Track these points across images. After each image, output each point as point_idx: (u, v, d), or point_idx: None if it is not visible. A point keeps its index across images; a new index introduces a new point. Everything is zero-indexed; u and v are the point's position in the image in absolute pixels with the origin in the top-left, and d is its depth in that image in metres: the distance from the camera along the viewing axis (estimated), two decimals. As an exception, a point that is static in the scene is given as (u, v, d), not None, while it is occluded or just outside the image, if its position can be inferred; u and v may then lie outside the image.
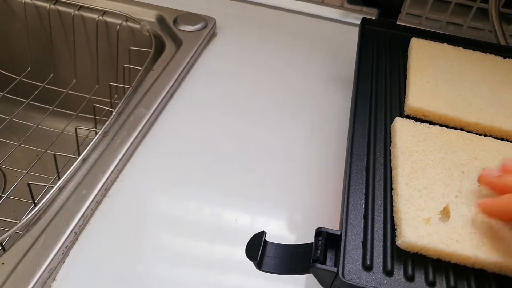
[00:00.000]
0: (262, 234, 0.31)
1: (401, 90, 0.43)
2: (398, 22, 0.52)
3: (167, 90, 0.52)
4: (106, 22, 0.64)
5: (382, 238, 0.31)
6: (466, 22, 0.65)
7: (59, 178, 0.41)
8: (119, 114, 0.49)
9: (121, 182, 0.43)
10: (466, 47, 0.48)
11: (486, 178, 0.32)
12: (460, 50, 0.47)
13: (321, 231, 0.30)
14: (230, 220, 0.41)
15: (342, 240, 0.30)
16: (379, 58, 0.47)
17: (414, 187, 0.33)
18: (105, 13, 0.64)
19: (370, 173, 0.35)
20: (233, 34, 0.64)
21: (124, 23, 0.64)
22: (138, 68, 0.57)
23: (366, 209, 0.33)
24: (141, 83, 0.54)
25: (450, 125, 0.40)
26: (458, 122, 0.39)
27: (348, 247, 0.30)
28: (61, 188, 0.40)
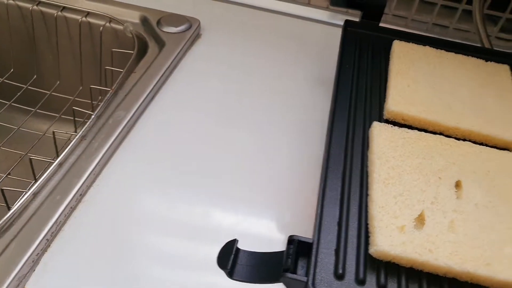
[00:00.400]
0: (234, 242, 0.31)
1: (381, 93, 0.43)
2: (384, 24, 0.51)
3: (148, 92, 0.51)
4: (89, 23, 0.64)
5: (355, 246, 0.31)
6: (452, 23, 0.64)
7: (36, 183, 0.40)
8: (98, 117, 0.48)
9: (97, 187, 0.42)
10: (448, 50, 0.47)
11: None
12: (442, 52, 0.47)
13: (293, 239, 0.30)
14: (209, 222, 0.40)
15: (313, 248, 0.30)
16: (361, 61, 0.47)
17: (389, 194, 0.32)
18: (88, 14, 0.63)
19: (347, 179, 0.35)
20: (218, 35, 0.64)
21: (107, 24, 0.63)
22: (120, 70, 0.56)
23: (340, 216, 0.32)
24: (122, 86, 0.53)
25: (430, 129, 0.39)
26: (437, 127, 0.39)
27: (320, 255, 0.30)
28: (35, 193, 0.40)
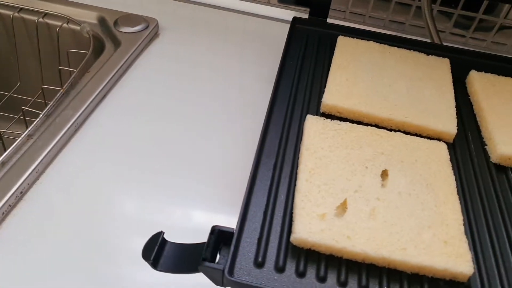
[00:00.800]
0: (160, 234, 0.31)
1: (322, 88, 0.43)
2: (342, 22, 0.52)
3: (98, 91, 0.51)
4: (47, 24, 0.64)
5: (279, 234, 0.31)
6: (407, 20, 0.65)
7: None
8: (48, 116, 0.48)
9: (40, 185, 0.42)
10: (392, 44, 0.48)
11: None
12: (385, 47, 0.48)
13: (214, 229, 0.30)
14: (157, 224, 0.41)
15: (234, 237, 0.30)
16: (306, 57, 0.47)
17: (313, 183, 0.33)
18: (46, 15, 0.64)
19: (277, 170, 0.35)
20: (176, 35, 0.64)
21: (65, 25, 0.63)
22: (74, 70, 0.57)
23: (267, 205, 0.33)
24: (75, 85, 0.53)
25: (365, 121, 0.40)
26: (372, 118, 0.40)
27: (243, 244, 0.30)
28: (-25, 192, 0.40)
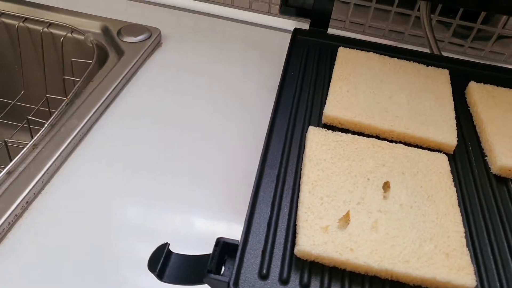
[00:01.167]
0: (165, 245, 0.32)
1: (323, 99, 0.44)
2: (342, 31, 0.53)
3: (102, 101, 0.52)
4: (51, 33, 0.65)
5: (282, 246, 0.32)
6: (407, 30, 0.66)
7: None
8: (53, 126, 0.49)
9: (46, 194, 0.43)
10: (392, 55, 0.49)
11: None
12: (385, 58, 0.48)
13: (219, 241, 0.31)
14: (163, 232, 0.41)
15: (239, 249, 0.30)
16: (307, 68, 0.48)
17: (316, 195, 0.33)
18: (50, 25, 0.64)
19: (280, 181, 0.36)
20: (179, 44, 0.65)
21: (69, 35, 0.64)
22: (78, 79, 0.57)
23: (271, 217, 0.33)
24: (79, 95, 0.54)
25: (366, 132, 0.40)
26: (373, 130, 0.40)
27: (247, 256, 0.31)
28: (-19, 202, 0.40)
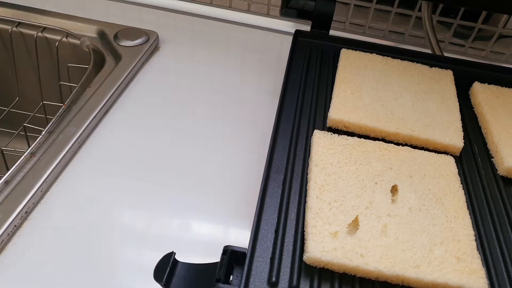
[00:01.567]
0: (171, 254, 0.31)
1: (327, 102, 0.43)
2: (342, 32, 0.52)
3: (101, 107, 0.51)
4: (46, 38, 0.63)
5: (291, 253, 0.31)
6: (407, 30, 0.66)
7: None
8: (50, 133, 0.48)
9: (45, 204, 0.42)
10: (395, 57, 0.49)
11: None
12: (388, 59, 0.48)
13: (226, 249, 0.30)
14: (166, 230, 0.40)
15: (247, 257, 0.30)
16: (310, 70, 0.47)
17: (324, 200, 0.33)
18: (44, 29, 0.63)
19: (287, 186, 0.35)
20: (177, 47, 0.64)
21: (64, 39, 0.63)
22: (75, 85, 0.56)
23: (278, 223, 0.33)
24: (76, 101, 0.53)
25: (372, 135, 0.40)
26: (378, 132, 0.40)
27: (256, 264, 0.30)
28: (-21, 212, 0.39)
